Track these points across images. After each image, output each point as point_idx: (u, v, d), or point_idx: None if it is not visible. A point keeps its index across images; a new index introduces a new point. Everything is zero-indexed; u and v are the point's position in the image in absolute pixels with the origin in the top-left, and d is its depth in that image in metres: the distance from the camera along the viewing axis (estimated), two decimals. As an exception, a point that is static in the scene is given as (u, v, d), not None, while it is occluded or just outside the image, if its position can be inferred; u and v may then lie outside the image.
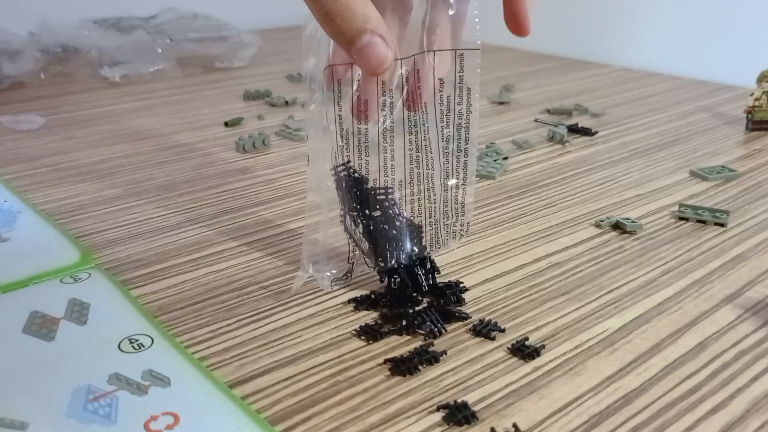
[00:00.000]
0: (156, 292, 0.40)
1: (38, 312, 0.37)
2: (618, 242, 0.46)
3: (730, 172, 0.58)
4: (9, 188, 0.54)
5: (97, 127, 0.71)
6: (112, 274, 0.42)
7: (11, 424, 0.29)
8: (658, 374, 0.33)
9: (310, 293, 0.40)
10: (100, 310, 0.37)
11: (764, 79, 0.67)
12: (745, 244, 0.46)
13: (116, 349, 0.34)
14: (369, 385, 0.32)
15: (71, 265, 0.42)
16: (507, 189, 0.56)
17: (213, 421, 0.29)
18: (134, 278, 0.42)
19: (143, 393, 0.31)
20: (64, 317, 0.37)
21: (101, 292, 0.39)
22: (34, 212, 0.50)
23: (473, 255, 0.45)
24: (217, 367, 0.34)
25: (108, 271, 0.42)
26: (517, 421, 0.30)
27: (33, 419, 0.29)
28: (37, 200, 0.53)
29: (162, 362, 0.33)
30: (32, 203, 0.52)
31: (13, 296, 0.39)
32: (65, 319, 0.36)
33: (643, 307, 0.39)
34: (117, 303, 0.38)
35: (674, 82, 0.90)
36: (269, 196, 0.54)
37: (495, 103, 0.80)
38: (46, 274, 0.41)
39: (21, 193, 0.54)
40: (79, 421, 0.29)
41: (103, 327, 0.36)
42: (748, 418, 0.30)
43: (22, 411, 0.30)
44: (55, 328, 0.36)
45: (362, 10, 0.32)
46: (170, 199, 0.53)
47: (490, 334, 0.36)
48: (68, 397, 0.30)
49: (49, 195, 0.54)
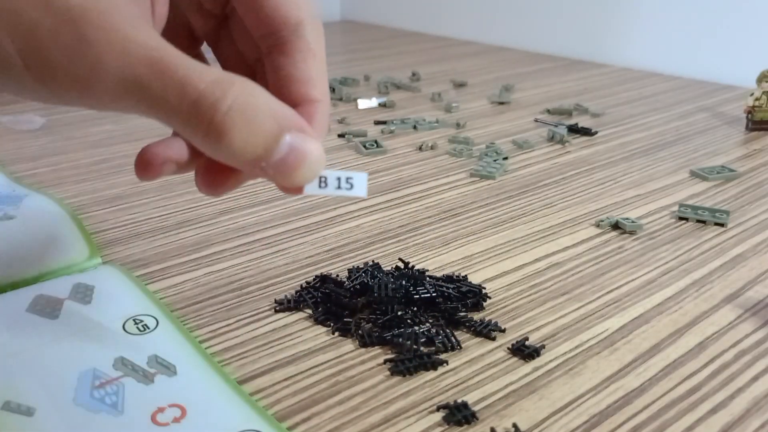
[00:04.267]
0: (156, 292, 0.40)
1: (43, 294, 0.37)
2: (618, 242, 0.46)
3: (730, 172, 0.58)
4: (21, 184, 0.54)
5: (97, 127, 0.71)
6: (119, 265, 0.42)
7: (18, 409, 0.29)
8: (658, 374, 0.33)
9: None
10: (104, 291, 0.38)
11: (764, 79, 0.67)
12: (745, 244, 0.46)
13: (121, 329, 0.34)
14: (369, 385, 0.32)
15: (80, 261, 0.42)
16: (507, 189, 0.56)
17: (220, 415, 0.29)
18: (134, 278, 0.41)
19: (149, 381, 0.31)
20: (68, 298, 0.37)
21: (107, 277, 0.40)
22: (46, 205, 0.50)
23: (473, 255, 0.45)
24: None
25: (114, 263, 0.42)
26: (517, 421, 0.30)
27: (40, 405, 0.29)
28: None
29: (167, 348, 0.33)
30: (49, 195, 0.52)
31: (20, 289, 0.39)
32: (69, 299, 0.37)
33: (643, 307, 0.39)
34: (122, 285, 0.39)
35: (674, 82, 0.90)
36: (269, 196, 0.54)
37: (495, 103, 0.80)
38: (55, 271, 0.41)
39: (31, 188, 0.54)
40: (87, 410, 0.29)
41: (108, 306, 0.36)
42: (748, 418, 0.30)
43: (29, 395, 0.30)
44: (60, 307, 0.36)
45: (269, 107, 0.23)
46: (170, 199, 0.53)
47: (490, 334, 0.36)
48: (74, 382, 0.30)
49: (49, 195, 0.54)
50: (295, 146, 0.23)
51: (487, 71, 0.97)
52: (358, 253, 0.45)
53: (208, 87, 0.22)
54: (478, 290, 0.39)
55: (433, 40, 1.20)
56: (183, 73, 0.22)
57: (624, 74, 0.95)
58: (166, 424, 0.29)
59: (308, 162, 0.24)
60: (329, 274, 0.41)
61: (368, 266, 0.41)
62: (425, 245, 0.46)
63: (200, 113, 0.22)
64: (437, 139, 0.67)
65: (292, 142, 0.23)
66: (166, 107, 0.22)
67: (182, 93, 0.22)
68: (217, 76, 0.22)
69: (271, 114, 0.23)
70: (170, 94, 0.22)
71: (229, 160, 0.23)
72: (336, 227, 0.48)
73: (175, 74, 0.22)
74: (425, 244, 0.46)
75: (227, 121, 0.22)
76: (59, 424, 0.28)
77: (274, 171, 0.23)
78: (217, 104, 0.22)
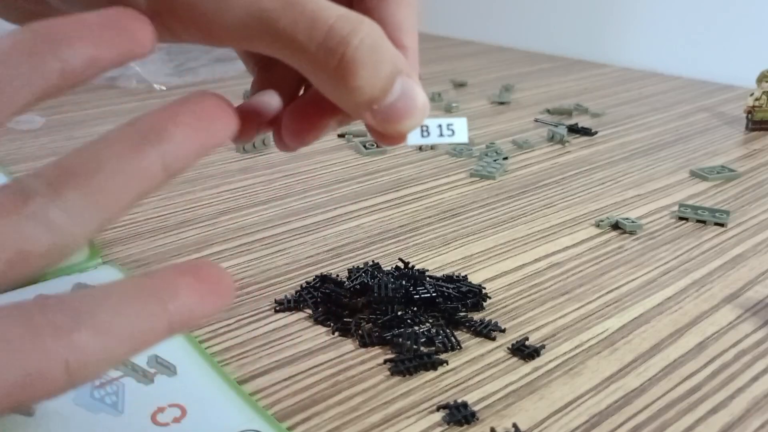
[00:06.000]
0: (156, 292, 0.40)
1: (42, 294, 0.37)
2: (618, 242, 0.46)
3: (730, 172, 0.58)
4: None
5: (97, 127, 0.71)
6: (119, 265, 0.42)
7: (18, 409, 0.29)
8: (658, 374, 0.33)
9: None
10: None
11: (764, 79, 0.67)
12: (745, 244, 0.46)
13: None
14: (369, 385, 0.32)
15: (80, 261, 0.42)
16: (507, 189, 0.56)
17: (220, 415, 0.29)
18: (134, 278, 0.42)
19: (149, 381, 0.31)
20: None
21: (107, 277, 0.40)
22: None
23: (473, 255, 0.45)
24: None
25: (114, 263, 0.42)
26: (517, 421, 0.30)
27: (40, 405, 0.29)
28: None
29: (167, 347, 0.33)
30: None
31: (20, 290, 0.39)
32: None
33: (643, 307, 0.39)
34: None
35: (674, 82, 0.90)
36: (269, 196, 0.54)
37: (495, 103, 0.80)
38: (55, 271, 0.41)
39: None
40: (87, 410, 0.29)
41: None
42: (748, 418, 0.30)
43: None
44: None
45: (390, 49, 0.23)
46: (170, 199, 0.53)
47: (490, 334, 0.36)
48: None
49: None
50: (405, 91, 0.23)
51: (487, 71, 0.97)
52: (358, 253, 0.45)
53: (339, 21, 0.21)
54: (478, 290, 0.39)
55: (433, 39, 1.20)
56: (312, 6, 0.21)
57: (624, 74, 0.95)
58: (166, 424, 0.29)
59: (417, 108, 0.23)
60: (329, 274, 0.41)
61: (368, 266, 0.41)
62: (425, 245, 0.46)
63: (331, 47, 0.21)
64: (437, 139, 0.67)
65: (404, 86, 0.23)
66: (293, 41, 0.21)
67: (312, 26, 0.21)
68: (346, 12, 0.22)
69: (391, 56, 0.23)
70: (300, 27, 0.21)
71: (347, 99, 0.23)
72: (336, 227, 0.48)
73: (305, 8, 0.21)
74: (425, 244, 0.46)
75: (357, 57, 0.21)
76: (59, 424, 0.28)
77: (385, 115, 0.23)
78: (349, 39, 0.21)
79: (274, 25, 0.21)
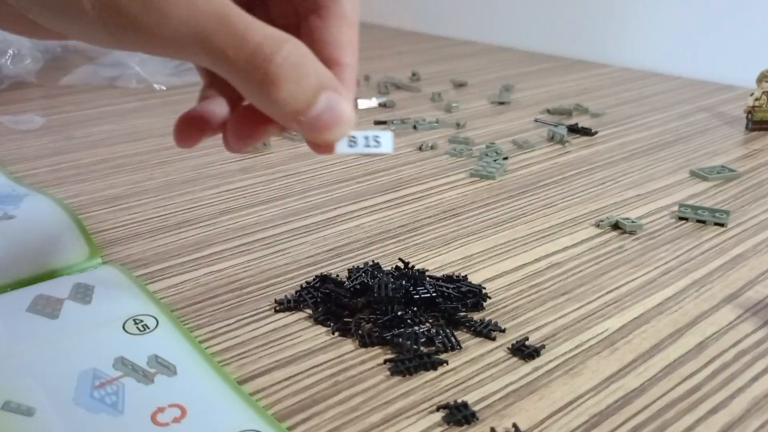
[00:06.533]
0: (156, 292, 0.40)
1: (43, 294, 0.37)
2: (618, 242, 0.46)
3: (730, 172, 0.58)
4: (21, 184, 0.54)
5: (97, 127, 0.71)
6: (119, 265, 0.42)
7: (18, 409, 0.29)
8: (658, 374, 0.33)
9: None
10: (104, 291, 0.38)
11: (764, 79, 0.67)
12: (745, 244, 0.46)
13: (121, 329, 0.34)
14: (369, 385, 0.32)
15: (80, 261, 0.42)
16: (507, 189, 0.56)
17: (220, 415, 0.29)
18: (134, 278, 0.41)
19: (149, 381, 0.31)
20: (68, 298, 0.37)
21: (107, 277, 0.40)
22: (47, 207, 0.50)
23: (473, 255, 0.45)
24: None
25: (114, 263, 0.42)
26: (517, 421, 0.30)
27: (40, 405, 0.29)
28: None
29: (167, 347, 0.33)
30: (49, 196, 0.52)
31: (20, 289, 0.39)
32: (69, 299, 0.37)
33: (643, 307, 0.39)
34: (122, 285, 0.39)
35: (674, 82, 0.91)
36: (269, 196, 0.54)
37: (495, 103, 0.80)
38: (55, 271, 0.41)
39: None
40: (86, 410, 0.29)
41: (108, 306, 0.36)
42: (748, 418, 0.30)
43: (29, 395, 0.30)
44: (60, 307, 0.36)
45: (314, 66, 0.25)
46: (170, 199, 0.53)
47: (490, 334, 0.36)
48: (74, 382, 0.30)
49: (49, 195, 0.54)
50: (330, 105, 0.25)
51: (487, 71, 0.97)
52: (358, 253, 0.45)
53: (265, 41, 0.24)
54: (478, 290, 0.39)
55: (433, 39, 1.20)
56: (243, 26, 0.24)
57: (624, 74, 0.95)
58: (166, 424, 0.29)
59: (341, 121, 0.26)
60: (329, 274, 0.41)
61: (368, 266, 0.41)
62: (425, 245, 0.46)
63: (257, 64, 0.24)
64: (437, 139, 0.67)
65: (329, 100, 0.25)
66: (225, 56, 0.24)
67: (242, 45, 0.23)
68: (273, 32, 0.24)
69: (315, 72, 0.25)
70: (230, 44, 0.23)
71: (273, 110, 0.25)
72: (336, 227, 0.48)
73: (237, 28, 0.23)
74: (425, 244, 0.46)
75: (280, 73, 0.24)
76: (59, 424, 0.28)
77: (310, 126, 0.26)
78: (272, 57, 0.24)
79: (208, 40, 0.23)
